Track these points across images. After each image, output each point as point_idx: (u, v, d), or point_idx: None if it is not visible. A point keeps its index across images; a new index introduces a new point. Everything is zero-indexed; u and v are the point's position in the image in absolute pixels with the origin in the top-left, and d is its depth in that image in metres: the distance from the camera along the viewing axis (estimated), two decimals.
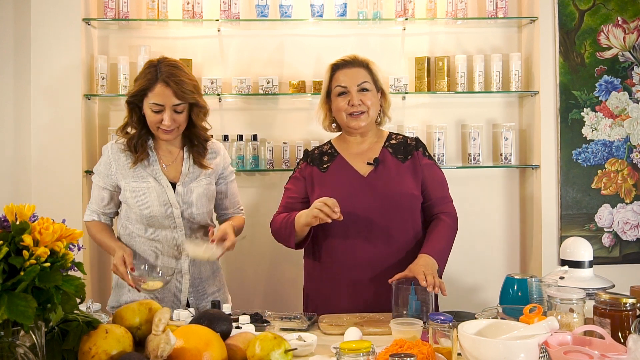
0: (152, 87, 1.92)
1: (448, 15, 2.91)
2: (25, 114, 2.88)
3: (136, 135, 2.02)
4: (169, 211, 2.00)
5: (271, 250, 2.89)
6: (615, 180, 2.97)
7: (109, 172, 2.04)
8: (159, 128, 1.96)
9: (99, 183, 2.07)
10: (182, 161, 2.07)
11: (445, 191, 2.08)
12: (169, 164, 2.06)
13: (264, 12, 2.87)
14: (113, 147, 2.06)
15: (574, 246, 1.78)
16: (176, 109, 1.94)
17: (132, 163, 2.00)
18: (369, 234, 1.96)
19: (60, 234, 1.08)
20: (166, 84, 1.91)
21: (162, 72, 1.92)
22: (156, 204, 1.99)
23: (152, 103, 1.93)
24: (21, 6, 2.88)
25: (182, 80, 1.93)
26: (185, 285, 2.04)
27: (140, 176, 2.01)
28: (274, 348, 1.25)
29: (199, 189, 2.05)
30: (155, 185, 2.01)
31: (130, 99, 1.98)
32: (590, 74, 2.95)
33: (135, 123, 2.01)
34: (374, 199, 1.97)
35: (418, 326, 1.46)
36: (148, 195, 2.00)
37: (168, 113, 1.93)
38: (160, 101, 1.92)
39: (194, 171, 2.06)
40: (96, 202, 2.09)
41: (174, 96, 1.92)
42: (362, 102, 2.02)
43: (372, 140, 2.11)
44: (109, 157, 2.04)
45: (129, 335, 1.25)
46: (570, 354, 1.19)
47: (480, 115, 3.05)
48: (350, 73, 2.04)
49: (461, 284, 3.02)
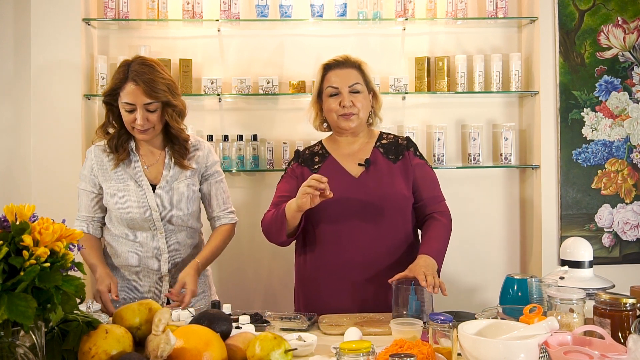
0: (122, 87, 1.91)
1: (448, 15, 2.91)
2: (25, 114, 2.88)
3: (116, 135, 2.01)
4: (147, 214, 2.00)
5: (270, 251, 2.89)
6: (615, 181, 2.97)
7: (92, 175, 2.04)
8: (134, 128, 1.95)
9: (86, 188, 2.06)
10: (164, 162, 2.05)
11: (437, 190, 2.07)
12: (151, 164, 2.05)
13: (264, 12, 2.87)
14: (95, 150, 2.05)
15: (574, 246, 1.78)
16: (148, 107, 1.92)
17: (113, 164, 2.00)
18: (360, 235, 1.95)
19: (60, 234, 1.08)
20: (135, 83, 1.90)
21: (132, 71, 1.91)
22: (135, 207, 1.99)
23: (124, 102, 1.92)
24: (21, 6, 2.89)
25: (152, 78, 1.91)
26: (165, 289, 2.04)
27: (121, 178, 2.01)
28: (274, 348, 1.25)
29: (180, 190, 2.03)
30: (135, 188, 2.00)
31: (106, 98, 1.97)
32: (590, 74, 2.95)
33: (114, 123, 2.00)
34: (365, 200, 1.97)
35: (418, 326, 1.45)
36: (128, 199, 1.99)
37: (140, 112, 1.91)
38: (131, 100, 1.91)
39: (174, 172, 2.04)
40: (86, 209, 2.07)
41: (144, 95, 1.90)
42: (353, 103, 2.01)
43: (363, 140, 2.10)
44: (92, 159, 2.04)
45: (129, 335, 1.25)
46: (570, 354, 1.19)
47: (480, 116, 3.05)
48: (342, 74, 2.04)
49: (461, 284, 3.02)
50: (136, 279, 2.06)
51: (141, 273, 2.06)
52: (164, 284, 2.05)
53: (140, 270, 2.05)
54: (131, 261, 2.04)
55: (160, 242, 2.03)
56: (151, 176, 2.03)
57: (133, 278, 2.06)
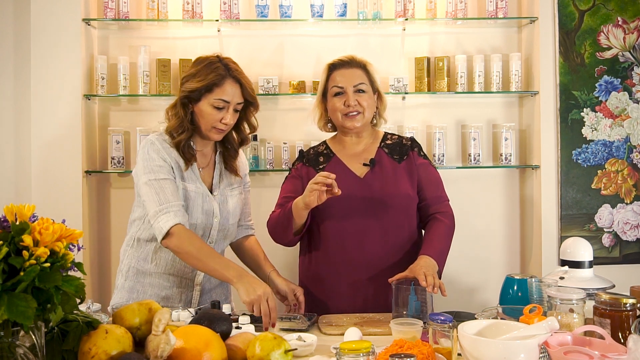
0: (220, 83, 1.84)
1: (448, 16, 2.91)
2: (25, 114, 2.88)
3: (184, 135, 1.87)
4: (209, 221, 1.90)
5: (271, 251, 2.88)
6: (615, 181, 2.97)
7: (166, 163, 1.85)
8: (214, 128, 1.87)
9: (164, 176, 1.82)
10: (214, 166, 1.98)
11: (441, 191, 2.07)
12: (203, 167, 1.96)
13: (264, 12, 2.87)
14: (160, 140, 1.88)
15: (574, 246, 1.78)
16: (237, 107, 1.89)
17: (184, 165, 1.88)
18: (365, 235, 1.96)
19: (60, 234, 1.08)
20: (235, 81, 1.86)
21: (232, 69, 1.87)
22: (199, 211, 1.88)
23: (217, 99, 1.84)
24: (21, 6, 2.88)
25: (248, 79, 1.90)
26: (196, 296, 1.97)
27: (189, 178, 1.89)
28: (274, 348, 1.25)
29: (234, 198, 1.98)
30: (202, 191, 1.90)
31: (191, 94, 1.85)
32: (590, 74, 2.95)
33: (188, 123, 1.88)
34: (370, 200, 1.97)
35: (418, 326, 1.45)
36: (195, 201, 1.87)
37: (231, 111, 1.87)
38: (228, 98, 1.85)
39: (226, 178, 1.98)
40: (173, 195, 1.79)
41: (242, 94, 1.88)
42: (358, 102, 2.01)
43: (368, 140, 2.11)
44: (161, 151, 1.85)
45: (128, 336, 1.25)
46: (570, 354, 1.19)
47: (480, 116, 3.05)
48: (347, 73, 2.04)
49: (461, 284, 3.02)
50: (167, 287, 1.92)
51: (174, 282, 1.93)
52: (194, 293, 1.95)
53: (173, 279, 1.93)
54: (167, 269, 1.91)
55: None
56: (204, 180, 1.94)
57: (164, 286, 1.92)
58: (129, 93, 2.86)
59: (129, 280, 1.95)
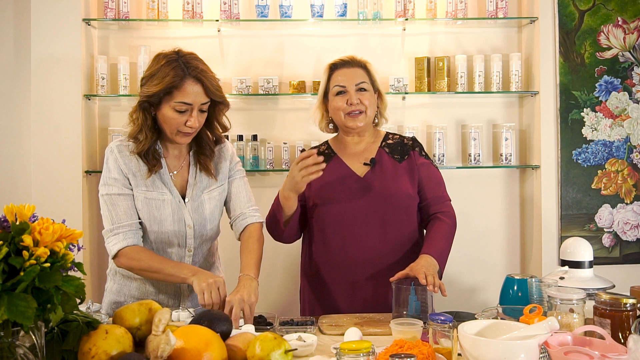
0: (180, 85, 1.69)
1: (448, 16, 2.91)
2: (25, 114, 2.88)
3: (147, 140, 1.76)
4: (182, 229, 1.81)
5: (271, 251, 2.88)
6: (616, 181, 2.97)
7: (123, 175, 1.77)
8: (179, 132, 1.74)
9: (121, 191, 1.76)
10: (189, 168, 1.86)
11: (442, 190, 2.07)
12: (177, 170, 1.85)
13: (264, 12, 2.87)
14: (120, 148, 1.80)
15: (574, 246, 1.78)
16: (202, 108, 1.74)
17: (146, 173, 1.77)
18: (365, 234, 1.96)
19: (60, 234, 1.08)
20: (196, 81, 1.70)
21: (191, 67, 1.70)
22: (170, 220, 1.79)
23: (178, 102, 1.69)
24: (21, 6, 2.89)
25: (211, 76, 1.74)
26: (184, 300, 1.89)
27: (155, 185, 1.79)
28: (274, 348, 1.25)
29: (212, 201, 1.86)
30: (170, 199, 1.79)
31: (149, 99, 1.72)
32: (590, 74, 2.95)
33: (150, 128, 1.76)
34: (370, 199, 1.97)
35: (418, 326, 1.45)
36: (162, 210, 1.78)
37: (195, 113, 1.72)
38: (190, 100, 1.69)
39: (201, 179, 1.85)
40: (127, 215, 1.74)
41: (205, 94, 1.71)
42: (360, 101, 2.01)
43: (369, 140, 2.11)
44: (118, 160, 1.78)
45: (128, 336, 1.25)
46: (570, 354, 1.19)
47: (480, 116, 3.05)
48: (349, 73, 2.04)
49: (461, 284, 3.02)
50: (153, 293, 1.86)
51: (159, 288, 1.87)
52: (181, 298, 1.89)
53: (158, 285, 1.86)
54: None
55: (186, 259, 1.85)
56: (177, 184, 1.83)
57: (150, 292, 1.86)
58: (129, 93, 2.86)
59: (116, 284, 1.90)
